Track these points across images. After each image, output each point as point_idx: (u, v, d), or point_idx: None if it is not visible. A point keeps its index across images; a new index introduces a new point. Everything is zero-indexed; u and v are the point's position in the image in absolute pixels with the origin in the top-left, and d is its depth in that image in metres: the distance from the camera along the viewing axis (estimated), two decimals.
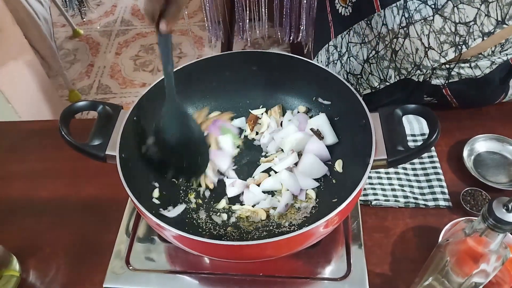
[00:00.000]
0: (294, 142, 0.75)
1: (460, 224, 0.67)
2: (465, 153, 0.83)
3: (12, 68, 1.73)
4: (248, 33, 2.12)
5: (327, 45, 0.97)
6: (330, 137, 0.75)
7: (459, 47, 0.76)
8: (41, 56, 2.10)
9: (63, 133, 0.63)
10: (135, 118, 0.69)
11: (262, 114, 0.82)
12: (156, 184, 0.72)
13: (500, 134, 0.86)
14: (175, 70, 0.74)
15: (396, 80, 0.89)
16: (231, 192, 0.72)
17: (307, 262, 0.66)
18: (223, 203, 0.72)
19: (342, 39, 0.92)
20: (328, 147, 0.76)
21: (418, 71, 0.85)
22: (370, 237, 0.74)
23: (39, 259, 0.76)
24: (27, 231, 0.80)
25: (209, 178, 0.73)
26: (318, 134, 0.74)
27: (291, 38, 2.05)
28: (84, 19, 2.93)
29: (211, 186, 0.73)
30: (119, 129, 0.65)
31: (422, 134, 0.88)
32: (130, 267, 0.69)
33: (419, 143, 0.87)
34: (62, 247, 0.77)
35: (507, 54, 0.80)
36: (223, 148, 0.75)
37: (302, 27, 1.97)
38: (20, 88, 1.78)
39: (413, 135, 0.88)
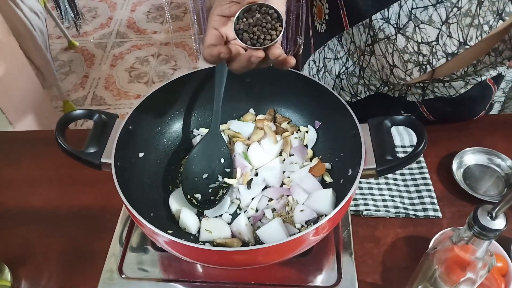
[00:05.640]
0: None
1: (447, 233, 0.68)
2: (454, 166, 0.85)
3: (6, 78, 1.74)
4: None
5: (308, 59, 1.00)
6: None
7: (423, 67, 0.78)
8: (36, 67, 2.10)
9: (59, 140, 0.64)
10: (130, 127, 0.70)
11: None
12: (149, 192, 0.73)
13: (488, 146, 0.88)
14: (171, 80, 0.76)
15: (366, 95, 0.91)
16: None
17: (298, 270, 0.67)
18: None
19: (319, 54, 0.94)
20: (319, 158, 0.78)
21: (386, 88, 0.87)
22: (361, 246, 0.75)
23: (31, 268, 0.75)
24: (19, 240, 0.80)
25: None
26: None
27: (289, 51, 2.07)
28: (79, 32, 2.95)
29: None
30: (114, 138, 0.66)
31: (412, 146, 0.90)
32: (123, 276, 0.69)
33: None
34: (54, 255, 0.77)
35: (481, 76, 0.82)
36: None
37: (301, 40, 2.00)
38: (14, 99, 1.78)
39: (403, 146, 0.90)
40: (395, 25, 0.74)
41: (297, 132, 0.82)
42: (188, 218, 0.69)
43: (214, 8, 0.57)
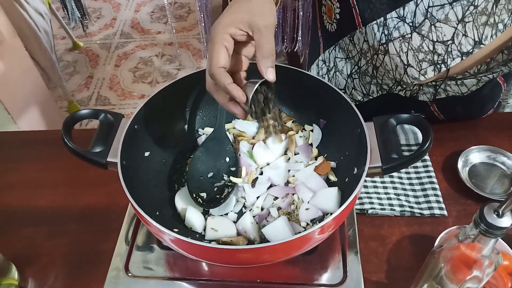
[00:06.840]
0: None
1: (453, 231, 0.68)
2: (460, 164, 0.85)
3: (12, 79, 1.75)
4: None
5: (317, 59, 0.99)
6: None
7: (438, 66, 0.77)
8: (41, 68, 2.12)
9: (65, 140, 0.64)
10: (136, 127, 0.70)
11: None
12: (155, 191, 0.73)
13: (493, 144, 0.87)
14: (176, 80, 0.76)
15: (378, 94, 0.90)
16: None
17: (304, 269, 0.67)
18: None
19: (329, 54, 0.94)
20: (325, 157, 0.78)
21: (399, 87, 0.87)
22: (366, 245, 0.75)
23: (37, 267, 0.76)
24: (26, 240, 0.80)
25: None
26: None
27: (285, 48, 2.08)
28: (86, 32, 2.96)
29: None
30: (120, 137, 0.66)
31: (417, 144, 0.90)
32: (129, 274, 0.69)
33: None
34: (61, 255, 0.77)
35: (493, 73, 0.81)
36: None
37: (298, 38, 2.00)
38: (19, 99, 1.79)
39: (408, 145, 0.90)
40: (411, 24, 0.74)
41: (302, 131, 0.82)
42: (193, 216, 0.70)
43: (226, 25, 0.56)
